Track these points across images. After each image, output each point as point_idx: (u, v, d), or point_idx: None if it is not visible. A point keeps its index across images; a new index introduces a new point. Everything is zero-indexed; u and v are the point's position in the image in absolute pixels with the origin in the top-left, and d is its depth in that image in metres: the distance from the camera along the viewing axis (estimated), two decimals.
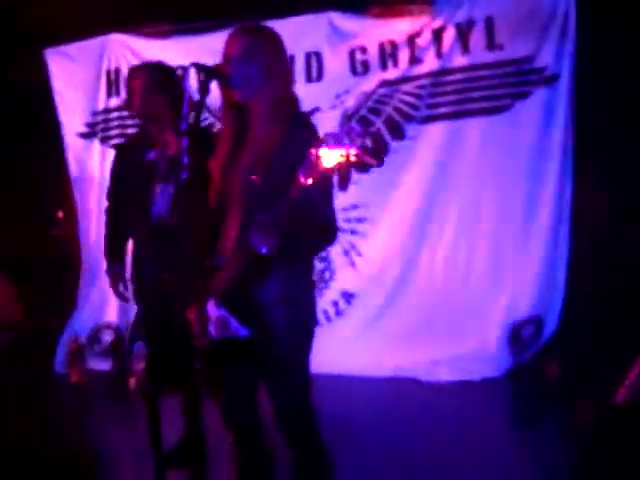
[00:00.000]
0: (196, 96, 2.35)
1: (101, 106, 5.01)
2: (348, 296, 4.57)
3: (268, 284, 2.23)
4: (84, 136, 5.06)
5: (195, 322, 2.29)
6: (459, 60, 4.24)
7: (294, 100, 2.38)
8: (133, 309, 3.46)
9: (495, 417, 3.71)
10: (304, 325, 2.35)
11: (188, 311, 2.32)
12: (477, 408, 3.79)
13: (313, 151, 1.88)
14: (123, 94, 4.87)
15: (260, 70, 2.26)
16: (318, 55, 4.48)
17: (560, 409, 3.67)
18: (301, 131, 2.29)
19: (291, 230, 2.12)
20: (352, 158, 1.84)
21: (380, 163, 2.02)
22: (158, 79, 3.20)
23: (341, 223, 4.40)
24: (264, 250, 2.08)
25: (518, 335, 4.26)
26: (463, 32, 4.21)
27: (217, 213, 2.37)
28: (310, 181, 1.94)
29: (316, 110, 4.28)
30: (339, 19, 4.40)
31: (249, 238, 2.11)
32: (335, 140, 1.89)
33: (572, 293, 4.20)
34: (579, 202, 4.20)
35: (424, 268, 4.43)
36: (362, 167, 1.89)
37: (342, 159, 1.86)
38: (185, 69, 2.31)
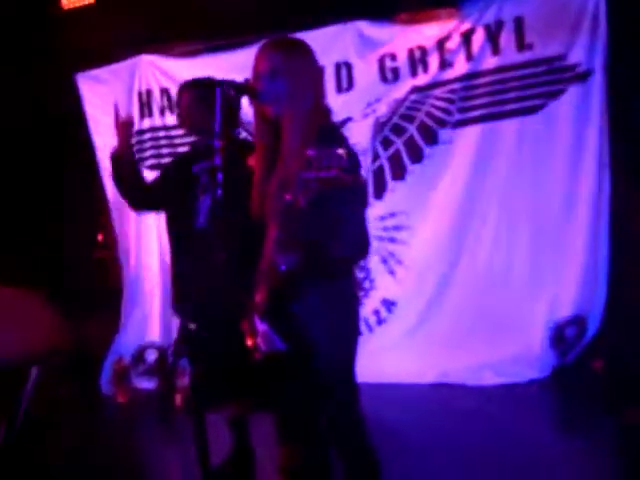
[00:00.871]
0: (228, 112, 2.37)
1: (134, 127, 5.06)
2: (389, 304, 4.54)
3: (307, 299, 2.23)
4: None
5: (248, 336, 2.30)
6: (490, 62, 4.20)
7: (326, 112, 2.38)
8: (175, 327, 3.47)
9: (542, 419, 3.67)
10: (347, 337, 2.34)
11: (241, 325, 2.33)
12: (524, 410, 3.76)
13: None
14: (156, 114, 4.94)
15: (289, 84, 2.27)
16: (348, 65, 4.47)
17: (607, 409, 3.59)
18: (327, 144, 2.29)
19: (314, 245, 2.13)
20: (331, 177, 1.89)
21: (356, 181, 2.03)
22: (203, 94, 3.23)
23: (379, 231, 4.40)
24: (283, 267, 2.09)
25: (562, 335, 4.20)
26: (492, 33, 4.17)
27: (258, 228, 2.38)
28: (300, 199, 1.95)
29: (348, 120, 4.29)
30: (367, 28, 4.39)
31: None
32: (315, 160, 1.92)
33: (615, 290, 4.13)
34: (618, 198, 4.12)
35: (464, 272, 4.39)
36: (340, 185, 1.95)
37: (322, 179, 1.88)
38: (216, 86, 2.33)
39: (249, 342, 2.25)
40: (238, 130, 3.24)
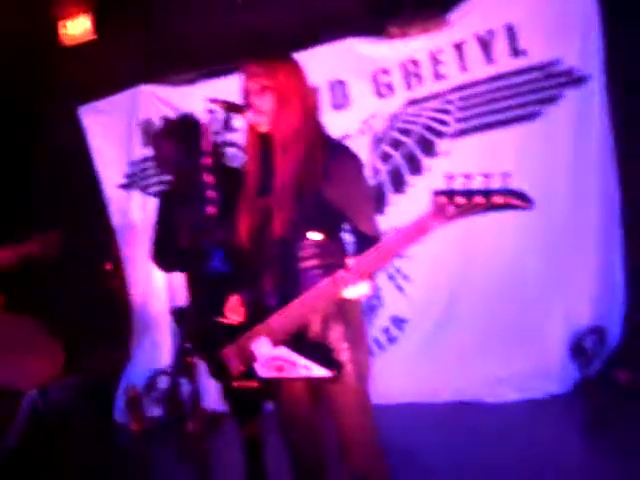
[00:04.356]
0: (221, 134, 2.38)
1: (137, 156, 5.11)
2: (399, 322, 4.48)
3: (327, 322, 2.24)
4: (124, 187, 5.16)
5: (237, 361, 2.30)
6: (484, 71, 4.16)
7: (318, 127, 2.38)
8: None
9: (566, 435, 3.57)
10: (364, 358, 2.34)
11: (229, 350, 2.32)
12: (546, 427, 3.66)
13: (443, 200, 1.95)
14: None
15: (277, 100, 2.28)
16: (342, 83, 4.47)
17: (634, 420, 3.50)
18: (346, 162, 2.30)
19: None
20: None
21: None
22: (182, 141, 3.28)
23: None
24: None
25: (581, 346, 4.09)
26: (485, 42, 4.14)
27: (252, 250, 2.38)
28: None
29: (345, 137, 4.28)
30: (358, 45, 4.38)
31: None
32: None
33: (635, 296, 4.04)
34: (630, 201, 4.06)
35: (475, 285, 4.30)
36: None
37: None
38: (209, 109, 2.34)
39: (239, 367, 2.25)
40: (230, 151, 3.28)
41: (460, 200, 1.95)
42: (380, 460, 2.36)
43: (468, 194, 1.96)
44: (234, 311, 2.39)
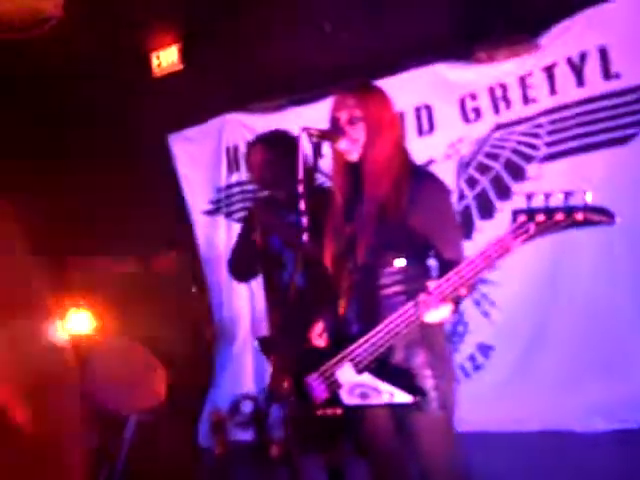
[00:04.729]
0: (310, 161, 2.40)
1: (223, 183, 5.21)
2: (485, 349, 4.39)
3: (410, 348, 2.23)
4: (210, 213, 5.27)
5: (321, 389, 2.29)
6: (575, 94, 4.08)
7: (406, 155, 2.39)
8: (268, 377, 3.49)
9: None
10: (448, 385, 2.31)
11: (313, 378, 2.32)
12: (637, 458, 3.50)
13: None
14: (243, 169, 5.06)
15: (367, 129, 2.29)
16: (428, 108, 4.47)
17: None
18: (432, 189, 2.30)
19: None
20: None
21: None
22: (274, 150, 3.31)
23: None
24: None
25: None
26: (576, 65, 4.07)
27: (335, 275, 2.39)
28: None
29: (431, 162, 4.26)
30: (445, 70, 4.37)
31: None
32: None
33: None
34: None
35: (563, 309, 4.16)
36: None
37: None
38: (297, 136, 2.38)
39: (322, 394, 2.25)
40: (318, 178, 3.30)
41: (540, 218, 1.96)
42: None
43: (548, 212, 1.96)
44: (318, 337, 2.41)
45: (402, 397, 2.16)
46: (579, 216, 1.97)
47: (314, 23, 4.47)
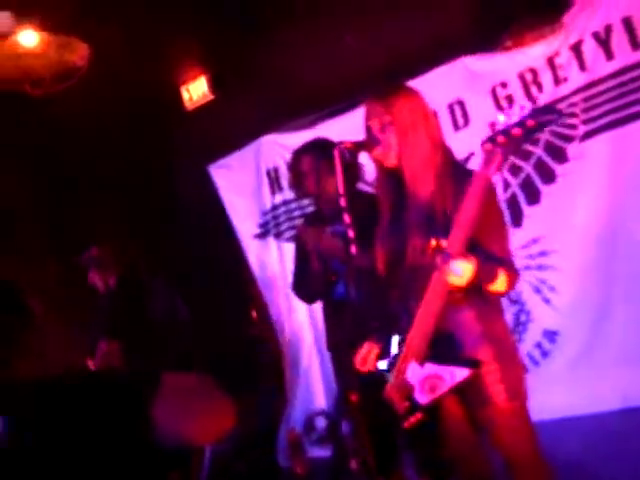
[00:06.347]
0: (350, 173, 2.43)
1: (268, 205, 5.27)
2: (551, 335, 4.33)
3: (463, 324, 2.23)
4: (259, 237, 5.33)
5: (398, 401, 2.29)
6: (605, 68, 4.03)
7: (445, 152, 2.39)
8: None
9: None
10: (517, 376, 2.30)
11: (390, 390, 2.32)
12: None
13: None
14: (286, 188, 5.10)
15: (399, 133, 2.31)
16: (460, 103, 4.46)
17: None
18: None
19: None
20: None
21: None
22: (321, 156, 3.32)
23: (525, 260, 4.25)
24: None
25: None
26: (602, 39, 4.01)
27: (388, 279, 2.40)
28: None
29: (471, 156, 4.24)
30: (473, 63, 4.36)
31: None
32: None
33: None
34: None
35: (625, 283, 4.08)
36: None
37: None
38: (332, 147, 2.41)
39: (404, 403, 2.25)
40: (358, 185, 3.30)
41: (501, 139, 2.12)
42: (549, 477, 2.29)
43: (505, 132, 2.14)
44: (364, 361, 2.44)
45: (461, 373, 2.16)
46: (530, 122, 2.12)
47: (337, 36, 4.50)
